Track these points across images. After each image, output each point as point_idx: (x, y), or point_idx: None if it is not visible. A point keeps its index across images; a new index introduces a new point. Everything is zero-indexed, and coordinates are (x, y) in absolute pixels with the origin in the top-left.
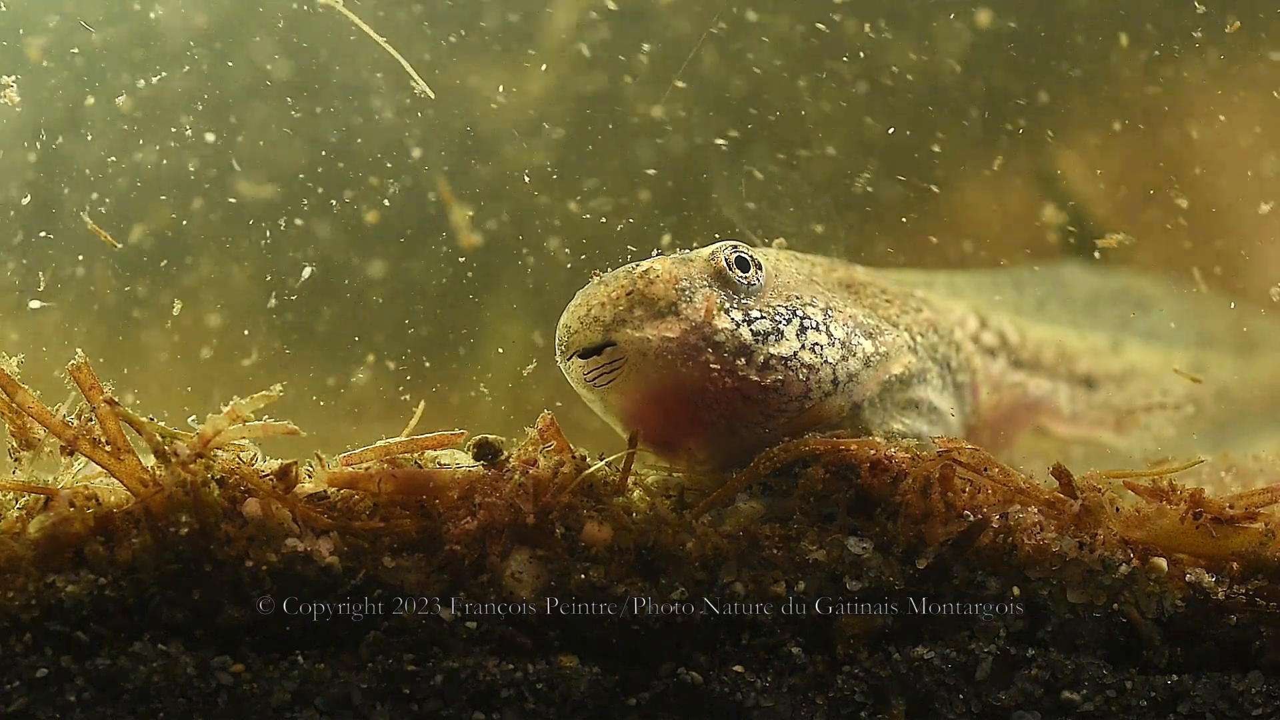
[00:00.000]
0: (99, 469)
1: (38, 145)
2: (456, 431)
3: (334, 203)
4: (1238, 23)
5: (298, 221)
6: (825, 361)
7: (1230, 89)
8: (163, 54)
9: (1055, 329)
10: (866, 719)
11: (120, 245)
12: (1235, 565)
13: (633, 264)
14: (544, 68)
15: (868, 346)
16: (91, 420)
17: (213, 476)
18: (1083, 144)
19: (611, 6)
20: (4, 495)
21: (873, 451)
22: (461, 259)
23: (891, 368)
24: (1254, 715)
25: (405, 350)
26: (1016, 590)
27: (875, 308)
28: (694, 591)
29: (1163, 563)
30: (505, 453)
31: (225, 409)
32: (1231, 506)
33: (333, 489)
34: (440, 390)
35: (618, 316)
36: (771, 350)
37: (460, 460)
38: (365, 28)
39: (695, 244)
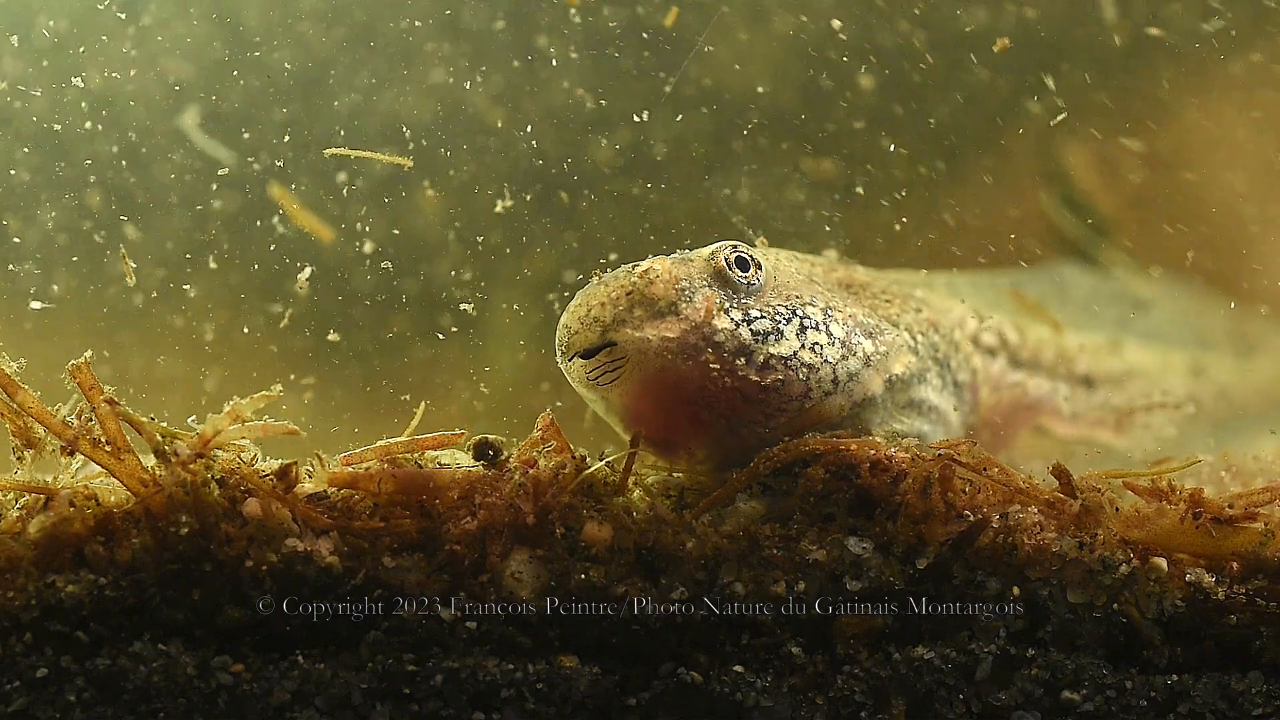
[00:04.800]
0: (99, 469)
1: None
2: (456, 431)
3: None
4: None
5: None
6: (825, 361)
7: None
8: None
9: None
10: (866, 719)
11: (134, 280)
12: (1235, 565)
13: (633, 264)
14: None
15: (868, 346)
16: (91, 420)
17: (213, 476)
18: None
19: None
20: (4, 495)
21: (873, 451)
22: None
23: (892, 367)
24: (1254, 715)
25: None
26: (1016, 590)
27: (875, 308)
28: (694, 591)
29: (1163, 563)
30: (505, 453)
31: (225, 409)
32: (1231, 506)
33: (333, 489)
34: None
35: (618, 316)
36: (771, 350)
37: (460, 460)
38: None
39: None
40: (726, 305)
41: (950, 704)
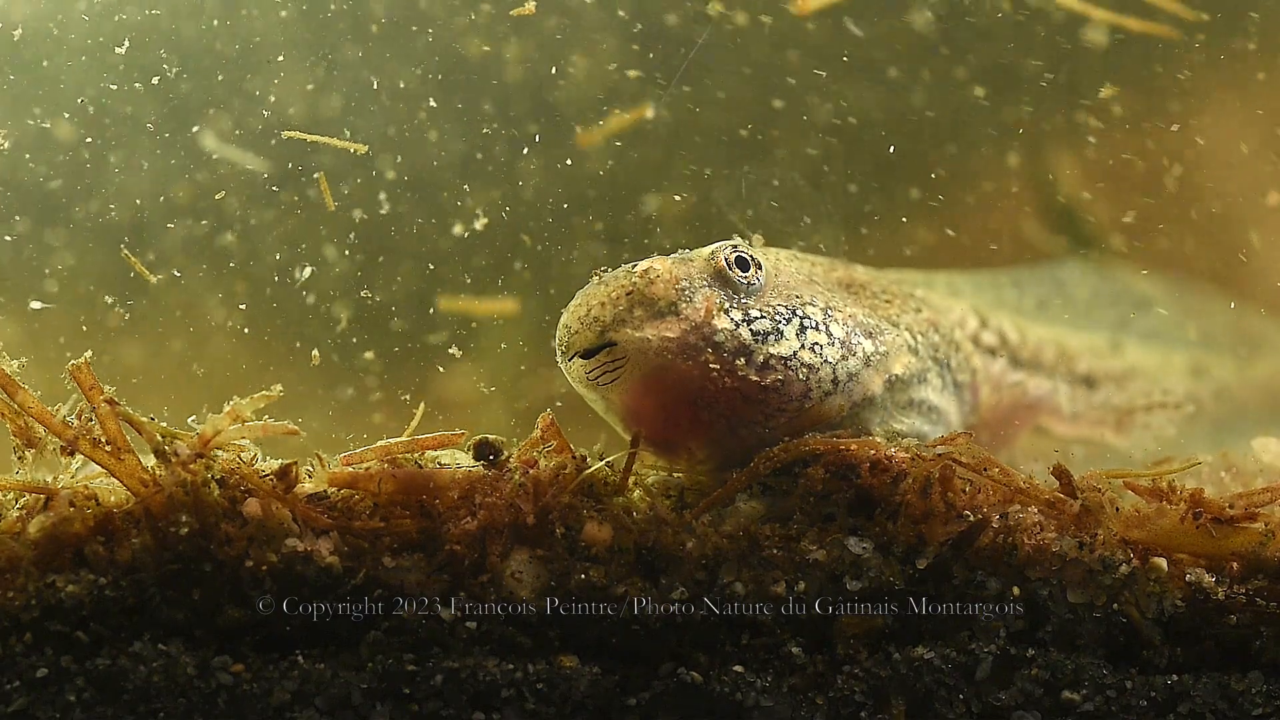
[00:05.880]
0: (99, 469)
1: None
2: (457, 431)
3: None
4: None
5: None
6: (825, 361)
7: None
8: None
9: (1055, 328)
10: (866, 719)
11: (156, 279)
12: (1235, 565)
13: (632, 263)
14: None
15: (868, 346)
16: (91, 420)
17: (213, 476)
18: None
19: None
20: (4, 495)
21: (873, 451)
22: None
23: (892, 367)
24: (1254, 715)
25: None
26: (1016, 590)
27: (875, 307)
28: (694, 591)
29: (1163, 563)
30: (505, 453)
31: (226, 409)
32: (1231, 506)
33: (333, 489)
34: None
35: (618, 316)
36: (771, 350)
37: (460, 460)
38: None
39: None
40: (726, 305)
41: (950, 704)
